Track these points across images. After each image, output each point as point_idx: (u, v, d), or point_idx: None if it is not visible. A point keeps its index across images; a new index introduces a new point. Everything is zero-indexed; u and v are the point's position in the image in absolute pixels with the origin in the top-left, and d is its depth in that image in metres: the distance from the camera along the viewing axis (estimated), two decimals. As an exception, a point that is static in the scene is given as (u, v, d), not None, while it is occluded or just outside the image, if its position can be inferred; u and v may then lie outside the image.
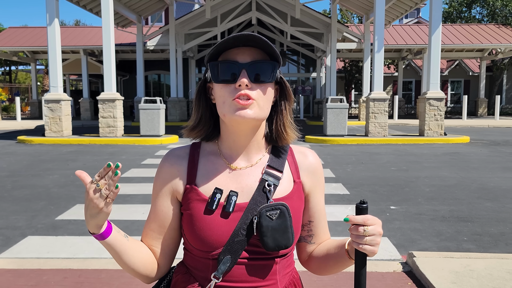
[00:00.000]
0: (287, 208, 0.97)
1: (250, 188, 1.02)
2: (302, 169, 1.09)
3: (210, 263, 1.00)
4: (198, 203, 1.00)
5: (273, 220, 0.95)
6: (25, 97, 33.66)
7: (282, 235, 0.96)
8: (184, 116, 21.24)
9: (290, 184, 1.05)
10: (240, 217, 0.98)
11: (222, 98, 0.97)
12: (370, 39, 18.94)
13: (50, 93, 12.55)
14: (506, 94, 29.88)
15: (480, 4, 28.62)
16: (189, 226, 1.00)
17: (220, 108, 0.98)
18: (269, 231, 0.95)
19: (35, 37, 23.24)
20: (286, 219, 0.96)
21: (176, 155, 1.08)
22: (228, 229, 0.97)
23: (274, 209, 0.96)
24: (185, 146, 1.11)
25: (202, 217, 0.99)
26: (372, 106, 12.56)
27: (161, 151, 10.29)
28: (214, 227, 0.98)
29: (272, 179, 1.02)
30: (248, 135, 1.02)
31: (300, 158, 1.10)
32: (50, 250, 3.65)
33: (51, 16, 12.36)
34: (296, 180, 1.07)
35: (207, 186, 1.02)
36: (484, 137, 13.87)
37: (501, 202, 5.30)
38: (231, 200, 0.99)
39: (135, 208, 4.99)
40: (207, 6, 18.62)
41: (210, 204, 0.99)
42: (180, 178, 1.04)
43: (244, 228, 0.97)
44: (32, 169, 7.63)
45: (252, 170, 1.04)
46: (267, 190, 1.00)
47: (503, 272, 2.90)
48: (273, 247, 0.96)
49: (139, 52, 19.55)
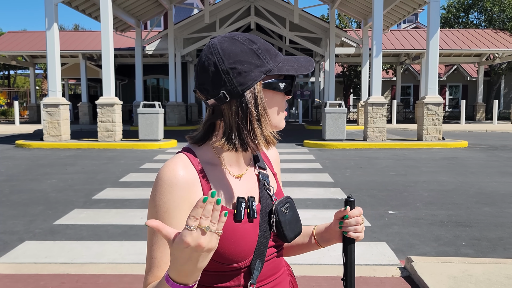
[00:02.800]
0: (291, 199, 1.05)
1: (255, 190, 1.05)
2: (272, 161, 1.17)
3: (241, 274, 0.96)
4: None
5: (287, 213, 1.02)
6: (24, 101, 33.65)
7: (296, 224, 1.03)
8: (183, 121, 21.23)
9: (273, 178, 1.12)
10: (259, 220, 1.00)
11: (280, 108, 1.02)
12: (368, 44, 19.00)
13: (48, 97, 12.55)
14: (504, 98, 29.97)
15: (477, 9, 28.74)
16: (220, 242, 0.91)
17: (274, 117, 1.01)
18: (287, 225, 1.01)
19: (34, 41, 23.26)
20: (295, 208, 1.05)
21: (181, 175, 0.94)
22: (255, 235, 0.98)
23: (285, 203, 1.03)
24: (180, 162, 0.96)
25: (233, 229, 0.94)
26: (371, 111, 12.59)
27: (160, 155, 10.29)
28: (246, 236, 0.95)
29: (267, 178, 1.07)
30: None
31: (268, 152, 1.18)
32: (47, 255, 3.64)
33: (50, 21, 12.37)
34: (273, 172, 1.14)
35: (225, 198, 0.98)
36: (482, 141, 13.90)
37: (500, 206, 5.31)
38: (253, 206, 0.99)
39: (133, 212, 4.98)
40: (206, 11, 18.68)
41: (238, 215, 0.95)
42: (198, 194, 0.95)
43: (265, 229, 1.00)
44: (30, 174, 7.61)
45: (249, 174, 1.06)
46: (267, 188, 1.05)
47: (502, 277, 2.90)
48: (292, 237, 1.02)
49: (138, 57, 19.58)
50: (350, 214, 1.05)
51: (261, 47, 0.97)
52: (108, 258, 3.55)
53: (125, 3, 16.96)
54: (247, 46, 0.96)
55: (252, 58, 0.95)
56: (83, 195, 5.90)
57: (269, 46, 1.00)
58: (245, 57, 0.94)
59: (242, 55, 0.94)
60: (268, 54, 0.98)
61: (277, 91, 0.99)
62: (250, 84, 0.94)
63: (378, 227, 4.46)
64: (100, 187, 6.39)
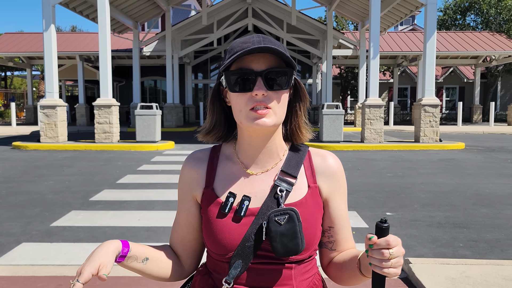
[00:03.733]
0: (296, 213, 0.94)
1: (263, 193, 1.01)
2: (319, 173, 1.06)
3: (226, 266, 1.01)
4: (214, 206, 1.02)
5: (281, 225, 0.93)
6: (21, 103, 33.55)
7: (291, 241, 0.93)
8: (180, 122, 21.22)
9: (304, 189, 1.03)
10: (252, 222, 0.98)
11: (238, 106, 0.96)
12: (365, 46, 19.05)
13: (45, 99, 12.51)
14: (500, 100, 30.09)
15: (474, 11, 28.87)
16: (206, 228, 1.02)
17: (237, 116, 0.98)
18: (277, 236, 0.93)
19: (31, 43, 23.21)
20: (295, 224, 0.94)
21: (197, 157, 1.09)
22: (239, 233, 0.98)
23: (282, 214, 0.94)
24: (206, 148, 1.12)
25: (215, 220, 1.00)
26: (368, 113, 12.61)
27: (157, 157, 10.27)
28: (225, 231, 0.99)
29: (285, 185, 1.01)
30: (263, 140, 1.02)
31: (317, 162, 1.07)
32: (44, 257, 3.62)
33: (48, 22, 12.35)
34: (311, 185, 1.04)
35: (223, 190, 1.03)
36: (479, 143, 13.94)
37: (497, 208, 5.32)
38: (243, 204, 0.99)
39: (131, 214, 4.96)
40: (204, 13, 18.69)
41: (223, 208, 1.00)
42: (199, 181, 1.06)
43: (254, 233, 0.97)
44: (27, 175, 7.59)
45: (267, 175, 1.04)
46: (278, 196, 0.99)
47: (499, 278, 2.90)
48: (282, 253, 0.94)
49: (135, 58, 19.56)
50: (376, 243, 0.84)
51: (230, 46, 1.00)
52: (105, 260, 3.53)
53: (122, 5, 16.95)
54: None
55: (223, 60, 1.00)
56: (80, 196, 5.88)
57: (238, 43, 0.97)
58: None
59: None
60: (228, 52, 0.99)
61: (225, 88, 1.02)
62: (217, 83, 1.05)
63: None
64: (97, 189, 6.37)
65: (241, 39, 0.98)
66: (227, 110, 1.06)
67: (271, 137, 1.02)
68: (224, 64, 0.97)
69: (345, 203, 1.09)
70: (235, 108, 0.98)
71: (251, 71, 0.94)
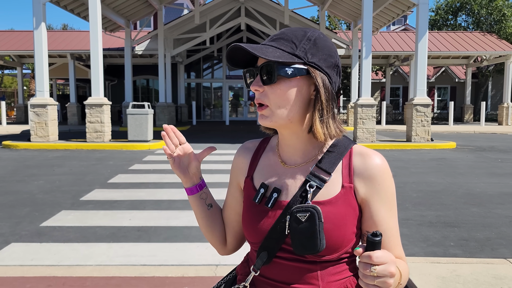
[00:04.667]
0: (318, 211, 0.89)
1: (294, 187, 1.00)
2: (357, 173, 0.98)
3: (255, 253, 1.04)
4: (249, 195, 1.06)
5: (302, 222, 0.90)
6: (11, 102, 33.25)
7: (308, 240, 0.89)
8: (173, 121, 21.13)
9: (337, 188, 0.97)
10: (279, 215, 0.98)
11: None
12: (358, 46, 19.10)
13: (36, 98, 12.40)
14: (491, 100, 30.34)
15: (465, 12, 29.07)
16: (243, 216, 1.08)
17: None
18: (296, 234, 0.90)
19: (21, 41, 22.99)
20: (315, 223, 0.89)
21: (246, 147, 1.15)
22: (267, 225, 0.99)
23: (305, 210, 0.90)
24: (257, 139, 1.17)
25: (248, 209, 1.05)
26: (360, 112, 12.65)
27: (149, 156, 10.22)
28: (255, 221, 1.02)
29: (317, 181, 0.96)
30: (289, 135, 1.02)
31: (357, 161, 0.99)
32: (34, 257, 3.58)
33: (38, 20, 12.23)
34: (345, 184, 0.97)
35: (260, 180, 1.06)
36: (470, 143, 14.05)
37: (487, 207, 5.36)
38: (272, 196, 1.00)
39: (122, 214, 4.93)
40: (196, 12, 18.63)
41: (254, 198, 1.03)
42: (244, 170, 1.12)
43: (280, 227, 0.97)
44: (17, 175, 7.51)
45: (301, 169, 1.01)
46: (308, 191, 0.95)
47: (489, 277, 2.92)
48: (300, 251, 0.91)
49: (127, 57, 19.45)
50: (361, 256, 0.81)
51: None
52: (95, 260, 3.51)
53: (114, 3, 16.83)
54: None
55: None
56: (71, 196, 5.83)
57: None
58: None
59: None
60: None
61: None
62: None
63: (367, 228, 4.48)
64: (88, 188, 6.32)
65: None
66: None
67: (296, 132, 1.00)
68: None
69: (389, 209, 1.00)
70: None
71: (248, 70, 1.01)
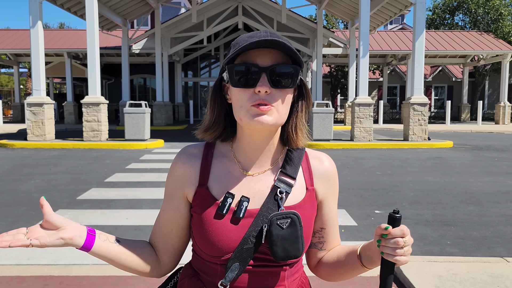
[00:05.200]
0: (298, 217, 0.93)
1: (262, 194, 0.98)
2: (316, 176, 1.04)
3: (219, 269, 0.98)
4: (209, 206, 0.98)
5: (283, 229, 0.91)
6: (8, 100, 33.13)
7: (292, 245, 0.92)
8: (170, 120, 21.10)
9: (303, 192, 1.01)
10: (250, 224, 0.95)
11: (239, 102, 0.92)
12: (355, 45, 19.12)
13: (32, 97, 12.35)
14: (488, 99, 30.43)
15: (463, 11, 29.13)
16: (199, 229, 0.98)
17: (237, 112, 0.93)
18: (279, 240, 0.91)
19: (18, 40, 22.90)
20: (297, 228, 0.92)
21: (190, 153, 1.04)
22: (237, 235, 0.95)
23: (285, 217, 0.92)
24: (199, 144, 1.07)
25: (212, 221, 0.96)
26: (358, 111, 12.66)
27: (146, 155, 10.20)
28: (223, 232, 0.95)
29: (285, 186, 0.98)
30: (263, 139, 0.98)
31: (315, 164, 1.05)
32: (30, 256, 3.57)
33: (35, 18, 12.19)
34: (309, 187, 1.02)
35: (219, 189, 0.99)
36: (467, 142, 14.09)
37: (484, 206, 5.37)
38: (242, 205, 0.96)
39: (118, 213, 4.92)
40: (193, 10, 18.60)
41: (220, 208, 0.96)
42: (192, 178, 1.01)
43: (253, 236, 0.94)
44: (13, 174, 7.48)
45: (265, 176, 1.01)
46: (278, 198, 0.97)
47: (486, 275, 2.93)
48: (282, 257, 0.92)
49: (124, 56, 19.40)
50: (391, 232, 0.88)
51: (235, 41, 0.97)
52: (92, 259, 3.49)
53: (111, 2, 16.78)
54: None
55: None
56: (68, 195, 5.81)
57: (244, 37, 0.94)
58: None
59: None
60: (233, 47, 0.95)
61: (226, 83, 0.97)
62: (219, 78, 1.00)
63: (364, 226, 4.48)
64: (85, 188, 6.31)
65: (248, 34, 0.95)
66: (228, 107, 1.01)
67: (272, 137, 0.99)
68: (228, 56, 0.93)
69: (336, 204, 1.10)
70: (235, 104, 0.94)
71: (255, 65, 0.90)
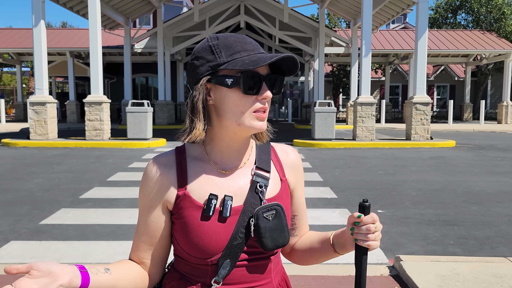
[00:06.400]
0: (281, 207, 0.99)
1: (242, 190, 1.01)
2: (286, 167, 1.11)
3: (209, 269, 0.99)
4: (193, 210, 0.98)
5: (270, 220, 0.97)
6: (10, 99, 33.21)
7: (279, 235, 0.98)
8: (172, 120, 21.12)
9: (278, 183, 1.06)
10: (237, 221, 0.98)
11: (239, 107, 0.95)
12: (357, 44, 19.08)
13: (35, 96, 12.37)
14: (490, 99, 30.35)
15: (465, 10, 29.06)
16: (184, 235, 0.98)
17: (234, 117, 0.95)
18: (267, 232, 0.96)
19: (20, 39, 22.94)
20: (282, 218, 0.98)
21: (162, 163, 1.03)
22: (226, 234, 0.97)
23: (270, 209, 0.97)
24: (168, 152, 1.06)
25: (199, 224, 0.97)
26: (360, 110, 12.65)
27: (148, 154, 10.21)
28: (211, 234, 0.96)
29: (262, 180, 1.02)
30: (244, 140, 1.03)
31: (282, 156, 1.12)
32: (33, 255, 3.58)
33: (37, 18, 12.20)
34: (283, 178, 1.08)
35: (200, 192, 0.99)
36: (470, 141, 14.06)
37: (486, 205, 5.36)
38: (227, 204, 0.98)
39: (121, 212, 4.93)
40: (196, 10, 18.59)
41: (206, 211, 0.97)
42: (170, 187, 1.01)
43: (241, 231, 0.97)
44: (16, 173, 7.50)
45: (242, 173, 1.03)
46: (259, 191, 1.01)
47: (489, 275, 2.92)
48: (271, 247, 0.97)
49: (126, 55, 19.41)
50: (363, 220, 0.95)
51: (221, 43, 0.96)
52: (95, 259, 3.50)
53: (113, 1, 16.79)
54: (208, 43, 0.98)
55: (206, 54, 0.97)
56: (70, 194, 5.83)
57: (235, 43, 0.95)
58: (202, 53, 0.98)
59: (200, 51, 0.98)
60: (225, 50, 0.96)
61: (225, 87, 0.95)
62: (198, 78, 0.97)
63: (367, 226, 4.48)
64: (87, 187, 6.32)
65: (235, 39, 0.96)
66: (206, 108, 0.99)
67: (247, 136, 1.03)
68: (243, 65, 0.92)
69: (304, 192, 1.18)
70: (233, 110, 0.95)
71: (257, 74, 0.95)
